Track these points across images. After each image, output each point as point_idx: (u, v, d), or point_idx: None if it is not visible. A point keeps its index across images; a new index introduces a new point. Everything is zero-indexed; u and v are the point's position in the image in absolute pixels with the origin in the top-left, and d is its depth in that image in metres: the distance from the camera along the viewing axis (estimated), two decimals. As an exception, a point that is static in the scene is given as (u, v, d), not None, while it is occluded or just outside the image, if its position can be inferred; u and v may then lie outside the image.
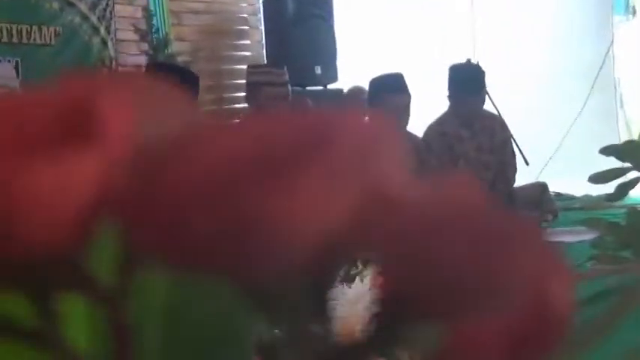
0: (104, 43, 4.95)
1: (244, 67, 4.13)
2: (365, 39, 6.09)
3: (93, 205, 0.17)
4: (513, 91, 5.61)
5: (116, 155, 0.17)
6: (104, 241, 0.19)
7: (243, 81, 3.92)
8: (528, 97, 6.03)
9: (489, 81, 4.21)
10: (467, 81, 3.84)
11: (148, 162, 0.18)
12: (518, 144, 4.36)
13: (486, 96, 4.08)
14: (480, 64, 4.19)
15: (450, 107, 4.02)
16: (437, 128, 3.98)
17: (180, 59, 5.07)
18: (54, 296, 0.19)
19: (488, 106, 4.30)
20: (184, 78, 2.86)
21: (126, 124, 0.18)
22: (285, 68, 3.76)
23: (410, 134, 3.80)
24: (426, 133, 4.00)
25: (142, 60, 5.02)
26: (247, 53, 5.83)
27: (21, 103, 0.19)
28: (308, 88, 5.37)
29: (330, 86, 5.55)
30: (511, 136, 4.20)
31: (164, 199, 0.17)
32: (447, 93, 4.02)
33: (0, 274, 0.18)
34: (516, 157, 4.28)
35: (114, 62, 5.06)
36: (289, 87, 3.74)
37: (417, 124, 4.07)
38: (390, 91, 3.77)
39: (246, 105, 3.92)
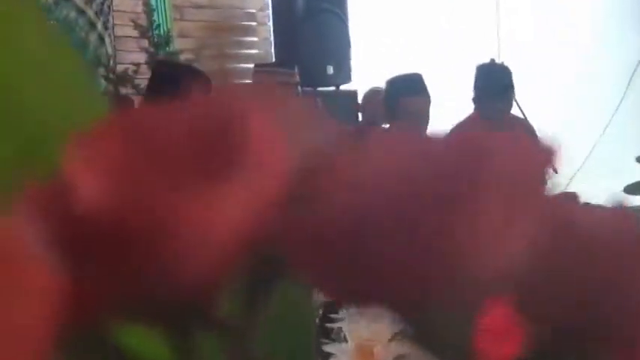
0: (101, 39, 5.02)
1: (251, 65, 4.09)
2: (381, 36, 6.11)
3: (243, 239, 0.18)
4: (540, 93, 5.60)
5: (272, 184, 0.17)
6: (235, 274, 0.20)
7: (250, 81, 3.85)
8: (556, 99, 6.02)
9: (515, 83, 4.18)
10: (494, 82, 3.81)
11: (303, 186, 0.18)
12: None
13: (514, 99, 4.04)
14: (507, 65, 4.16)
15: (475, 111, 4.03)
16: (459, 133, 3.93)
17: (182, 57, 5.11)
18: (192, 333, 0.20)
19: (514, 110, 4.27)
20: (194, 77, 2.81)
21: (278, 148, 0.18)
22: (295, 68, 3.71)
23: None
24: (448, 139, 3.95)
25: (142, 58, 5.06)
26: (254, 51, 5.86)
27: (158, 122, 0.19)
28: (319, 88, 5.37)
29: (343, 87, 5.57)
30: (540, 142, 4.15)
31: (333, 229, 0.17)
32: (471, 95, 3.97)
33: (140, 310, 0.19)
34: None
35: (112, 60, 5.09)
36: (299, 88, 3.70)
37: (437, 130, 3.99)
38: (409, 93, 3.76)
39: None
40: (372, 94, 4.89)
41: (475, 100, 3.96)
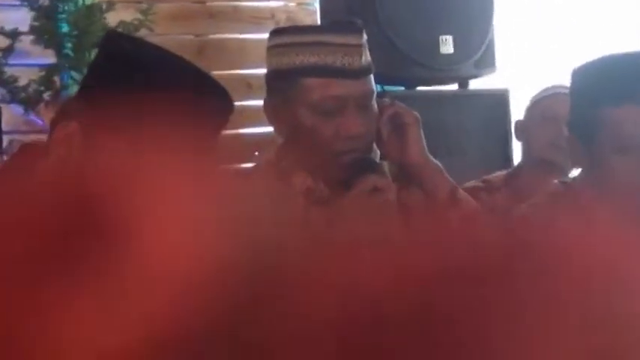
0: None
1: (264, 36, 3.64)
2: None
3: None
4: None
5: (164, 290, 0.31)
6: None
7: (262, 70, 3.52)
8: None
9: None
10: None
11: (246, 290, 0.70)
12: None
13: None
14: None
15: None
16: None
17: (112, 22, 4.96)
18: None
19: None
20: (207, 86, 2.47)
21: (181, 236, 0.38)
22: (364, 34, 3.26)
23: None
24: None
25: (24, 21, 4.89)
26: (278, 3, 5.38)
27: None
28: (420, 88, 5.01)
29: (474, 83, 5.16)
30: None
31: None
32: None
33: None
34: None
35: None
36: (372, 81, 3.24)
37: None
38: (624, 96, 3.32)
39: (269, 129, 3.49)
40: (545, 102, 4.46)
41: None
